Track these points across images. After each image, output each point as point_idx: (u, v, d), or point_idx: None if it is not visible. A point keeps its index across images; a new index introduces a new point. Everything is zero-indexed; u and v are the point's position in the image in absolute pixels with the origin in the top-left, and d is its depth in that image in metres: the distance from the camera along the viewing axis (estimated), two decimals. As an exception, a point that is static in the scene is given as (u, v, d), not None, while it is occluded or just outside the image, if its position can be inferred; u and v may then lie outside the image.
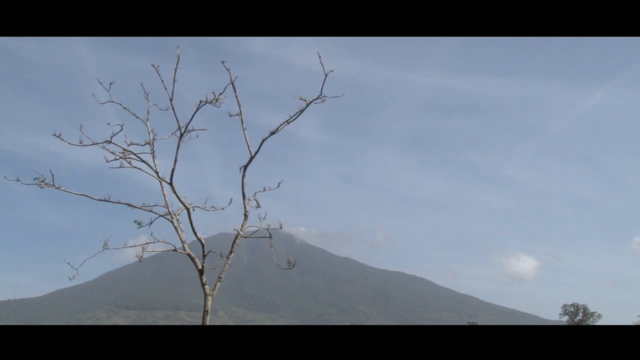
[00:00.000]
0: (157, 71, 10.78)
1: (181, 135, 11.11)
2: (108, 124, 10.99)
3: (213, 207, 11.78)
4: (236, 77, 10.81)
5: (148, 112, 11.60)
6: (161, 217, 11.31)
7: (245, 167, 11.32)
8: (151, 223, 11.31)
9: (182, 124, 11.04)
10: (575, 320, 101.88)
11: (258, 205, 11.51)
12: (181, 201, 11.19)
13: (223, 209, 11.89)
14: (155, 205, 11.24)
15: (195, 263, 11.00)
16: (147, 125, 11.60)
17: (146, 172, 11.30)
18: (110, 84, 11.15)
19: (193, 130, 11.10)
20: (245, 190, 11.32)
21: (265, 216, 11.46)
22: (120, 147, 11.13)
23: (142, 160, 11.28)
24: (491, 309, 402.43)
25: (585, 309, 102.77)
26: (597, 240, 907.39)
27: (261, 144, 11.11)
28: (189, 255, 11.07)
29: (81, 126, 10.62)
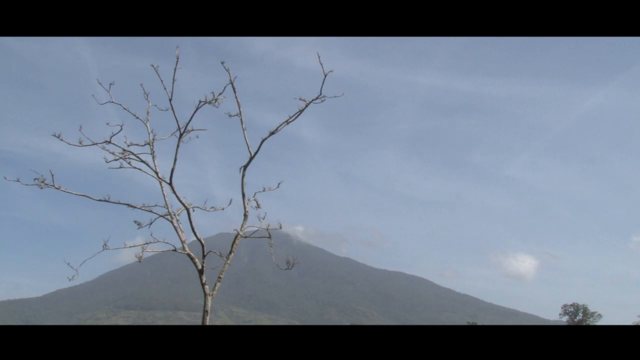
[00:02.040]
0: (156, 71, 10.78)
1: (181, 135, 11.11)
2: (108, 124, 11.00)
3: (213, 207, 11.79)
4: (235, 77, 10.83)
5: (148, 112, 11.61)
6: (161, 218, 11.32)
7: (245, 167, 11.33)
8: (151, 223, 11.32)
9: (182, 124, 11.05)
10: (575, 320, 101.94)
11: (258, 206, 11.52)
12: (181, 201, 11.19)
13: (223, 209, 11.91)
14: (155, 205, 11.25)
15: (195, 263, 11.00)
16: (147, 126, 11.60)
17: (146, 173, 11.31)
18: (110, 84, 11.16)
19: (193, 130, 11.11)
20: (245, 190, 11.33)
21: (264, 216, 11.48)
22: (120, 147, 11.14)
23: (142, 161, 11.28)
24: (491, 309, 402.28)
25: (585, 309, 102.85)
26: (596, 240, 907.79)
27: (261, 144, 11.12)
28: (188, 255, 11.07)
29: (81, 127, 10.64)
